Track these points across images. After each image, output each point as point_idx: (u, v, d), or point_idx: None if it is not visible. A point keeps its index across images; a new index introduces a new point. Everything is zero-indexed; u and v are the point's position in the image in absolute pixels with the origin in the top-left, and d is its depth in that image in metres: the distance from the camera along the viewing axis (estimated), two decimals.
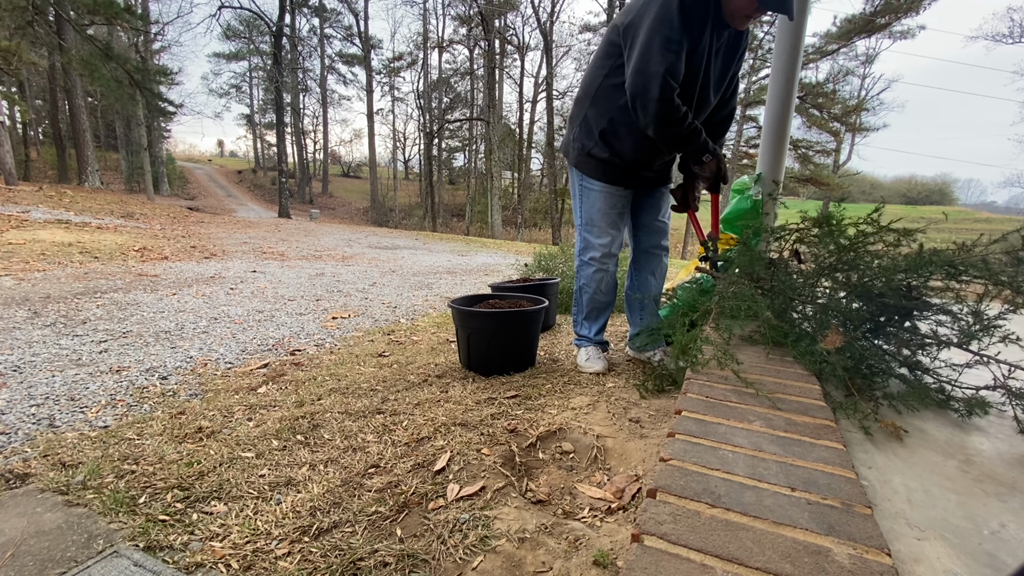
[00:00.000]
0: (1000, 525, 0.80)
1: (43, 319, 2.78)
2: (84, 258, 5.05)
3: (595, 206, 1.91)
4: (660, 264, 2.12)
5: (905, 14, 15.61)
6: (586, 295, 2.03)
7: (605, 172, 1.86)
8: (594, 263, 1.96)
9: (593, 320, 2.08)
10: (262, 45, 28.38)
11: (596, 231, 1.93)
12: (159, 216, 10.06)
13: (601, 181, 1.87)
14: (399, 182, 33.75)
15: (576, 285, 2.07)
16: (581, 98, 1.84)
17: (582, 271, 2.01)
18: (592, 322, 2.08)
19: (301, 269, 5.51)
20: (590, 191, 1.90)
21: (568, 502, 1.16)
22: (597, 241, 1.93)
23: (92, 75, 11.55)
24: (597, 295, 2.01)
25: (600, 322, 2.08)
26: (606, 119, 1.77)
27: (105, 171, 21.07)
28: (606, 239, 1.92)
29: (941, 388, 1.30)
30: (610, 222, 1.91)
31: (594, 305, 2.04)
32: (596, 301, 2.03)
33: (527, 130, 25.29)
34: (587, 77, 1.82)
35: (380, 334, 2.87)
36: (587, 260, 1.97)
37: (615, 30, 1.66)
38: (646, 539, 0.67)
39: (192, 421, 1.59)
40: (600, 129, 1.79)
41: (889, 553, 0.64)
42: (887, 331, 1.43)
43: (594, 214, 1.91)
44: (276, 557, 0.97)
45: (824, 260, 1.58)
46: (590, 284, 2.00)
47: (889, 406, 1.24)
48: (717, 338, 1.48)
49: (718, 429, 0.99)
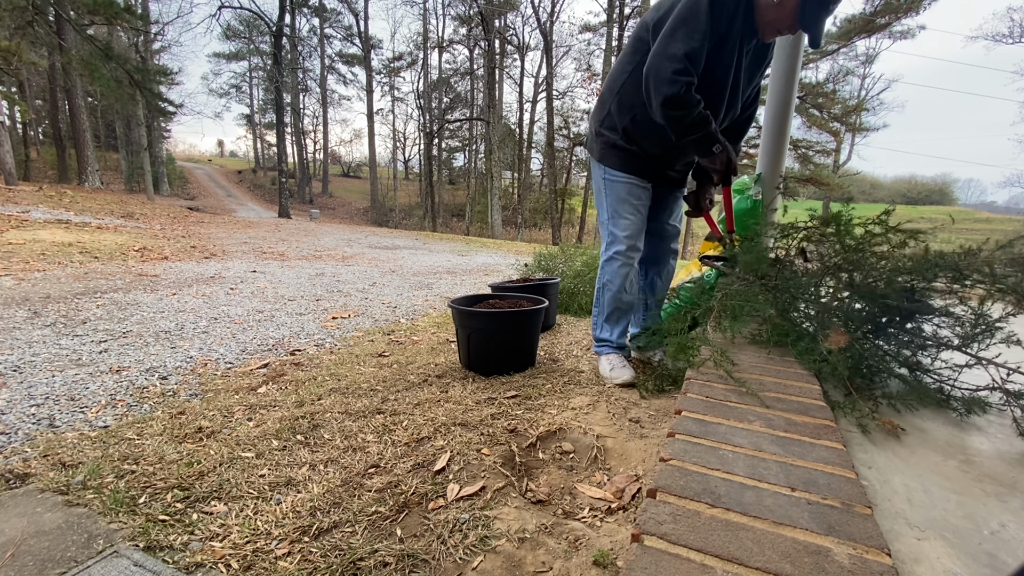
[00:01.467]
0: (1000, 525, 0.80)
1: (43, 319, 2.78)
2: (84, 258, 5.05)
3: (619, 196, 1.88)
4: (667, 267, 2.11)
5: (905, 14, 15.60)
6: (609, 293, 1.96)
7: (629, 163, 1.85)
8: (619, 257, 1.90)
9: (615, 322, 2.01)
10: (262, 45, 28.41)
11: (622, 223, 1.89)
12: (159, 216, 10.06)
13: (625, 172, 1.86)
14: (399, 182, 33.77)
15: (598, 284, 2.01)
16: (606, 94, 1.84)
17: (607, 267, 1.95)
18: (614, 324, 2.01)
19: (301, 269, 5.51)
20: (614, 183, 1.88)
21: (568, 502, 1.16)
22: (622, 233, 1.89)
23: (92, 75, 11.54)
24: (621, 294, 1.94)
25: (622, 325, 2.02)
26: (629, 116, 1.77)
27: (105, 171, 21.07)
28: (631, 230, 1.88)
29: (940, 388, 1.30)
30: (635, 211, 1.88)
31: (616, 305, 1.97)
32: (620, 300, 1.96)
33: (527, 130, 25.31)
34: (613, 74, 1.82)
35: (380, 334, 2.87)
36: (613, 255, 1.92)
37: (644, 27, 1.66)
38: (646, 539, 0.67)
39: (192, 421, 1.59)
40: (623, 126, 1.80)
41: (889, 553, 0.64)
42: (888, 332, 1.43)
43: (618, 205, 1.88)
44: (276, 557, 0.97)
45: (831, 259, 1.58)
46: (614, 280, 1.93)
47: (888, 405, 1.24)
48: (719, 338, 1.48)
49: (718, 429, 0.99)
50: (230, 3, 17.55)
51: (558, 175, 23.14)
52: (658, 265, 2.11)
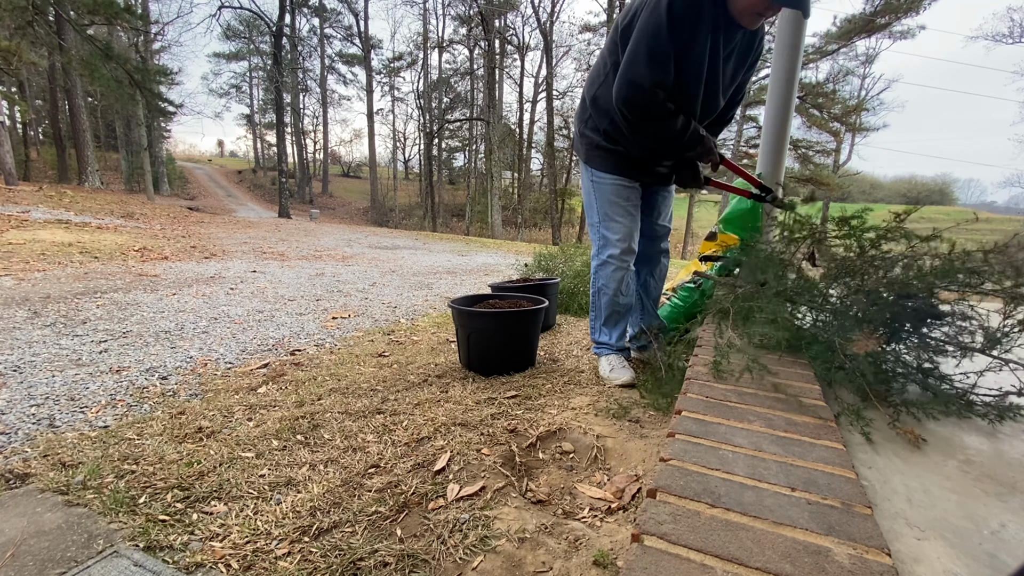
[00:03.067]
0: (1000, 525, 0.80)
1: (43, 319, 2.78)
2: (84, 258, 5.05)
3: (608, 199, 1.85)
4: (660, 266, 2.11)
5: (905, 14, 15.61)
6: (605, 297, 1.94)
7: (615, 164, 1.83)
8: (613, 261, 1.87)
9: (613, 326, 1.99)
10: (262, 45, 28.40)
11: (613, 225, 1.86)
12: (159, 216, 10.06)
13: (612, 173, 1.84)
14: (399, 182, 33.74)
15: (593, 288, 1.99)
16: (586, 96, 1.83)
17: (600, 272, 1.92)
18: (612, 328, 1.99)
19: (301, 269, 5.51)
20: (602, 185, 1.86)
21: (568, 502, 1.16)
22: (615, 236, 1.86)
23: (92, 75, 11.55)
24: (617, 297, 1.92)
25: (620, 328, 2.00)
26: (607, 119, 1.76)
27: (105, 171, 21.07)
28: (623, 232, 1.86)
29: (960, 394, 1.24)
30: (625, 213, 1.86)
31: (614, 309, 1.95)
32: (616, 304, 1.93)
33: (527, 130, 25.31)
34: (592, 73, 1.81)
35: (380, 334, 2.87)
36: (606, 259, 1.89)
37: (615, 29, 1.65)
38: (646, 539, 0.67)
39: (192, 421, 1.59)
40: (603, 128, 1.79)
41: (889, 553, 0.64)
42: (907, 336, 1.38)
43: (608, 208, 1.86)
44: (276, 557, 0.97)
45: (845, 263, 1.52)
46: (609, 285, 1.90)
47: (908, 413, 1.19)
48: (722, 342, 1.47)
49: (718, 429, 0.99)
50: (230, 3, 17.56)
51: (558, 175, 23.12)
52: (650, 265, 2.10)
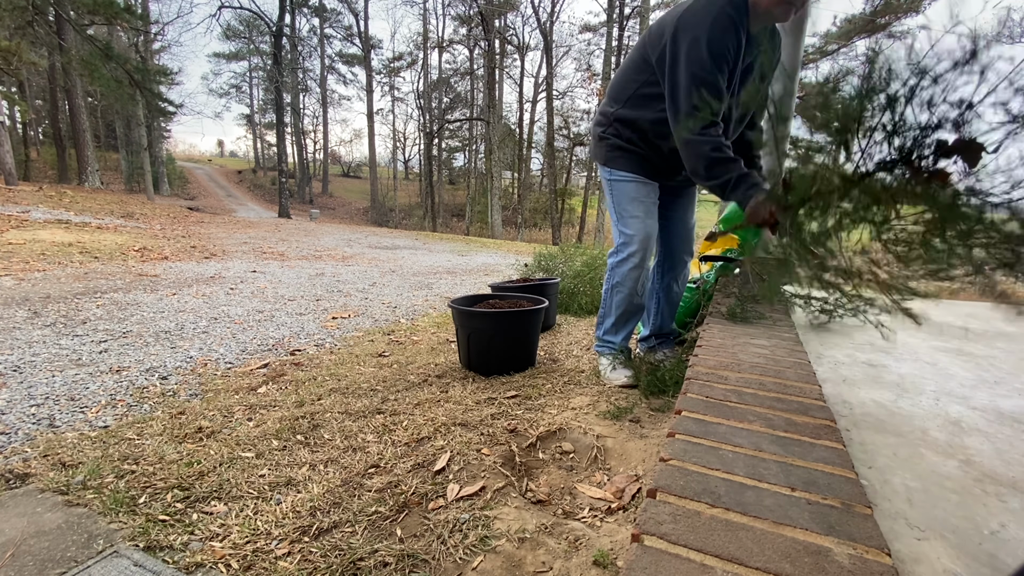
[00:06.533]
0: (1000, 525, 0.80)
1: (43, 319, 2.78)
2: (84, 258, 5.05)
3: (627, 195, 1.83)
4: (684, 271, 2.07)
5: (905, 14, 15.61)
6: (619, 295, 1.90)
7: (636, 164, 1.82)
8: (632, 259, 1.83)
9: (622, 325, 1.95)
10: (262, 45, 28.42)
11: (632, 222, 1.83)
12: (159, 216, 10.06)
13: (632, 172, 1.83)
14: (399, 182, 33.76)
15: (607, 285, 1.94)
16: (611, 102, 1.81)
17: (617, 269, 1.88)
18: (621, 327, 1.96)
19: (301, 269, 5.51)
20: (621, 183, 1.84)
21: (568, 502, 1.16)
22: (632, 232, 1.83)
23: (92, 75, 11.53)
24: (632, 297, 1.88)
25: (628, 328, 1.97)
26: (632, 128, 1.76)
27: (105, 171, 21.08)
28: (642, 229, 1.83)
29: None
30: (644, 210, 1.84)
31: (627, 308, 1.91)
32: (630, 304, 1.90)
33: (527, 130, 25.31)
34: (619, 82, 1.79)
35: (380, 334, 2.87)
36: (624, 257, 1.85)
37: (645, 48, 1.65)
38: (646, 539, 0.67)
39: (192, 421, 1.59)
40: (627, 136, 1.79)
41: (889, 553, 0.64)
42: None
43: (627, 204, 1.84)
44: (276, 557, 0.97)
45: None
46: (625, 283, 1.86)
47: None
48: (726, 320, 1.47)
49: (718, 429, 0.99)
50: (230, 3, 17.57)
51: (558, 175, 23.14)
52: (675, 269, 2.05)
